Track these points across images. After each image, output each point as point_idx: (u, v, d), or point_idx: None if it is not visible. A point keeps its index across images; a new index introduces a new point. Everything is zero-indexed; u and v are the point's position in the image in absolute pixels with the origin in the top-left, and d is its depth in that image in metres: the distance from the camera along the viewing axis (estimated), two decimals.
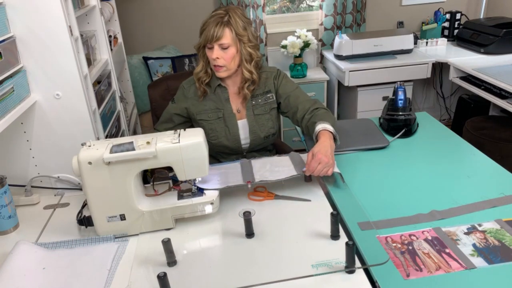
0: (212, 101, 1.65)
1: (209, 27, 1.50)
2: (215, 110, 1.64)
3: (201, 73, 1.62)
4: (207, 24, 1.52)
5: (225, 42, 1.51)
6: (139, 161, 1.17)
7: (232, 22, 1.51)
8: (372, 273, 1.02)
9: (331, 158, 1.34)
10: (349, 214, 1.24)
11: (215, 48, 1.52)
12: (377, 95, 3.13)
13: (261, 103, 1.66)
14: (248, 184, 1.33)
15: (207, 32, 1.51)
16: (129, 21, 3.22)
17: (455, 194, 1.32)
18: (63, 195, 1.53)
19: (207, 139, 1.60)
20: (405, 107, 1.75)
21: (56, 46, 1.41)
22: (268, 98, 1.67)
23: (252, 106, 1.66)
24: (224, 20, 1.51)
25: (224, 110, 1.64)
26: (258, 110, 1.66)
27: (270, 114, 1.68)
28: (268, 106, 1.67)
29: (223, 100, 1.65)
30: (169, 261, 1.10)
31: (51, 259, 1.16)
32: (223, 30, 1.50)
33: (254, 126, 1.66)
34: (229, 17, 1.51)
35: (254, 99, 1.66)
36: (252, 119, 1.66)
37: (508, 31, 2.87)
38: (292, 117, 1.66)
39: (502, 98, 2.45)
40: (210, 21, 1.52)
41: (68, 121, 1.50)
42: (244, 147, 1.68)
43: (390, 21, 3.56)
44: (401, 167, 1.51)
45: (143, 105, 2.98)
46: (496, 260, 1.04)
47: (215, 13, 1.54)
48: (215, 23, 1.50)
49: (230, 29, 1.51)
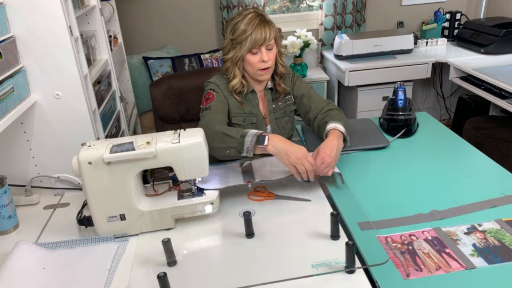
0: (247, 106, 1.59)
1: (256, 31, 1.44)
2: (250, 115, 1.58)
3: (238, 84, 1.54)
4: (249, 30, 1.44)
5: (273, 41, 1.49)
6: (139, 161, 1.17)
7: (269, 20, 1.49)
8: (372, 273, 1.02)
9: (334, 159, 1.33)
10: (349, 214, 1.24)
11: (263, 50, 1.47)
12: (377, 95, 3.13)
13: (281, 106, 1.64)
14: (248, 184, 1.33)
15: (255, 36, 1.44)
16: (129, 21, 3.22)
17: (455, 194, 1.32)
18: (63, 195, 1.53)
19: None
20: (405, 107, 1.75)
21: (56, 46, 1.41)
22: (287, 100, 1.65)
23: (273, 110, 1.63)
24: (264, 20, 1.47)
25: (258, 116, 1.60)
26: (278, 114, 1.64)
27: (289, 116, 1.66)
28: (287, 109, 1.65)
29: (255, 105, 1.60)
30: (169, 261, 1.10)
31: (51, 259, 1.16)
32: (270, 30, 1.47)
33: (276, 130, 1.63)
34: (265, 17, 1.48)
35: (274, 103, 1.63)
36: (274, 124, 1.64)
37: (508, 31, 2.87)
38: (304, 116, 1.64)
39: (502, 98, 2.45)
40: (252, 25, 1.44)
41: (68, 121, 1.50)
42: None
43: (390, 21, 3.57)
44: (401, 167, 1.51)
45: (143, 105, 2.98)
46: (496, 260, 1.04)
47: (251, 17, 1.46)
48: (260, 25, 1.44)
49: (272, 28, 1.48)
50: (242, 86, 1.55)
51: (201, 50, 3.15)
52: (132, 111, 2.77)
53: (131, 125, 2.54)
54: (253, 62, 1.49)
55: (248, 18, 1.46)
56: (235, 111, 1.57)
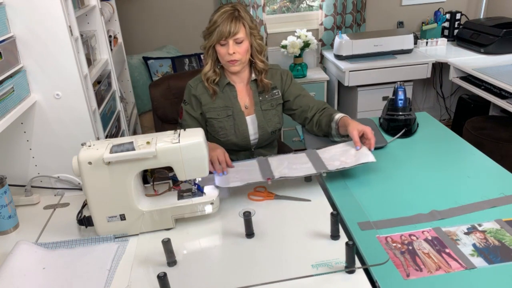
0: (221, 100, 1.66)
1: (223, 24, 1.52)
2: (225, 108, 1.66)
3: (209, 72, 1.63)
4: (219, 22, 1.52)
5: (241, 36, 1.54)
6: (139, 161, 1.17)
7: (243, 16, 1.55)
8: (372, 273, 1.02)
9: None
10: (349, 214, 1.24)
11: (230, 43, 1.54)
12: (377, 95, 3.13)
13: (268, 98, 1.70)
14: (268, 181, 1.34)
15: (222, 29, 1.52)
16: (129, 21, 3.22)
17: (455, 194, 1.32)
18: (63, 195, 1.53)
19: (217, 137, 1.65)
20: (405, 107, 1.75)
21: (56, 46, 1.41)
22: (274, 94, 1.71)
23: (259, 102, 1.69)
24: (236, 15, 1.54)
25: (234, 108, 1.66)
26: (265, 106, 1.70)
27: (276, 110, 1.72)
28: (274, 102, 1.71)
29: (232, 98, 1.67)
30: (169, 261, 1.10)
31: (51, 259, 1.16)
32: (238, 24, 1.53)
33: (262, 121, 1.69)
34: (239, 12, 1.55)
35: (261, 95, 1.69)
36: (260, 114, 1.69)
37: (508, 31, 2.87)
38: (300, 114, 1.72)
39: (502, 98, 2.45)
40: (221, 18, 1.53)
41: (68, 121, 1.50)
42: (253, 143, 1.71)
43: (390, 21, 3.56)
44: (401, 167, 1.51)
45: (143, 105, 2.98)
46: (496, 260, 1.04)
47: (224, 10, 1.54)
48: (229, 19, 1.52)
49: (243, 23, 1.55)
50: (215, 74, 1.63)
51: (201, 50, 3.14)
52: (132, 111, 2.77)
53: (131, 125, 2.54)
54: (221, 53, 1.57)
55: (221, 11, 1.55)
56: (208, 106, 1.66)
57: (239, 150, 1.72)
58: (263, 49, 1.64)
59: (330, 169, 1.36)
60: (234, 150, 1.72)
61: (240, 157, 1.72)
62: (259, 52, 1.63)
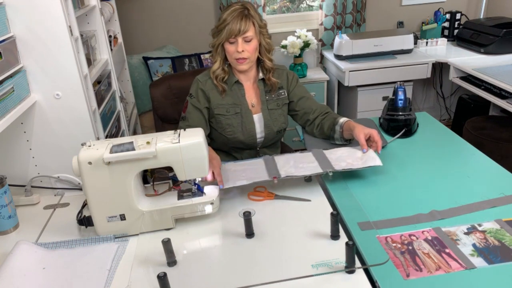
0: (229, 97, 1.67)
1: (233, 22, 1.53)
2: (233, 105, 1.66)
3: (218, 70, 1.63)
4: (229, 20, 1.53)
5: (250, 34, 1.55)
6: (139, 161, 1.17)
7: (253, 15, 1.56)
8: (372, 273, 1.02)
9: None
10: (349, 214, 1.24)
11: (239, 41, 1.55)
12: (377, 95, 3.13)
13: (274, 98, 1.71)
14: (274, 179, 1.34)
15: (232, 27, 1.53)
16: (129, 21, 3.22)
17: (455, 194, 1.32)
18: (63, 195, 1.53)
19: (223, 134, 1.66)
20: (405, 107, 1.75)
21: (56, 46, 1.41)
22: (280, 94, 1.72)
23: (266, 101, 1.70)
24: (246, 13, 1.55)
25: (242, 106, 1.67)
26: (271, 105, 1.71)
27: (282, 110, 1.73)
28: (280, 102, 1.72)
29: (240, 96, 1.67)
30: (169, 261, 1.10)
31: (51, 259, 1.16)
32: (247, 23, 1.54)
33: (268, 120, 1.70)
34: (248, 11, 1.56)
35: (267, 94, 1.70)
36: (267, 113, 1.70)
37: (508, 31, 2.87)
38: (302, 116, 1.74)
39: (502, 98, 2.45)
40: (231, 16, 1.53)
41: (68, 121, 1.50)
42: (259, 142, 1.72)
43: (390, 21, 3.56)
44: (401, 167, 1.51)
45: (143, 105, 2.98)
46: (496, 260, 1.04)
47: (234, 8, 1.55)
48: (239, 17, 1.53)
49: (253, 22, 1.56)
50: (223, 72, 1.64)
51: (201, 50, 3.15)
52: (132, 111, 2.77)
53: (131, 125, 2.54)
54: (230, 51, 1.58)
55: (231, 9, 1.56)
56: (217, 103, 1.65)
57: (244, 148, 1.72)
58: (271, 48, 1.65)
59: (336, 169, 1.36)
60: (240, 148, 1.72)
61: (245, 156, 1.72)
62: (267, 51, 1.64)
